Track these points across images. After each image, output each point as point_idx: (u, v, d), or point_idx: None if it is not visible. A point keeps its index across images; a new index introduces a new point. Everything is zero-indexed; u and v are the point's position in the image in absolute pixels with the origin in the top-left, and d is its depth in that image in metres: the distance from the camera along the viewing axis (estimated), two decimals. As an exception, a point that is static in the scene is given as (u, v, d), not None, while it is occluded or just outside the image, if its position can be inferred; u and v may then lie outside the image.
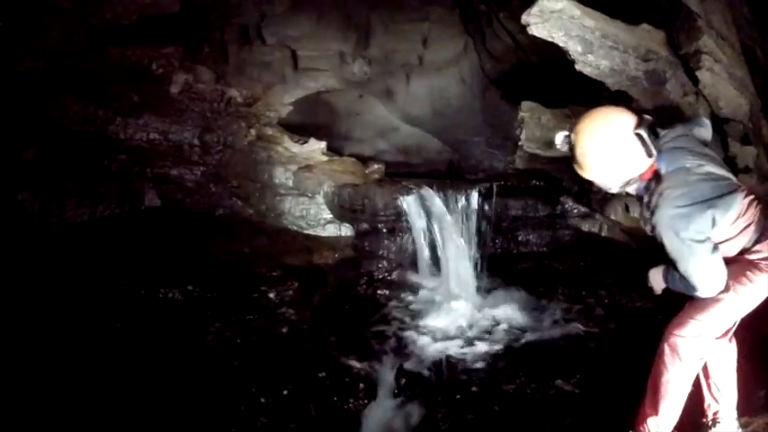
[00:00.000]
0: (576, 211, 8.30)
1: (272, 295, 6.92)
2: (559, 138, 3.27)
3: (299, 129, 9.26)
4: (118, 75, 7.40)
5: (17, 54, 6.39)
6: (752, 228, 3.17)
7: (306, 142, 8.69)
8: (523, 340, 6.18)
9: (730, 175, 3.23)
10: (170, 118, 7.81)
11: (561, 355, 5.61)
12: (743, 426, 3.33)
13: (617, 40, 5.96)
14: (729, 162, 6.02)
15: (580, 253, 8.07)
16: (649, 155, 3.04)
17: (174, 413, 4.74)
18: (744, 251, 3.22)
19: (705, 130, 3.68)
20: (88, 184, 6.92)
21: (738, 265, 3.22)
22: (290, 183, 8.62)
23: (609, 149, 3.07)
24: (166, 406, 4.81)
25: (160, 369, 5.26)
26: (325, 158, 8.92)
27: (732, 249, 3.23)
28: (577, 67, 6.10)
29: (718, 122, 6.08)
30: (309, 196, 8.59)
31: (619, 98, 6.53)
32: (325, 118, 11.87)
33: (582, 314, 6.75)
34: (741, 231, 3.18)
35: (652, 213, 3.12)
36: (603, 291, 6.83)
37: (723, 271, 3.10)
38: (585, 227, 8.06)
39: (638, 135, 3.00)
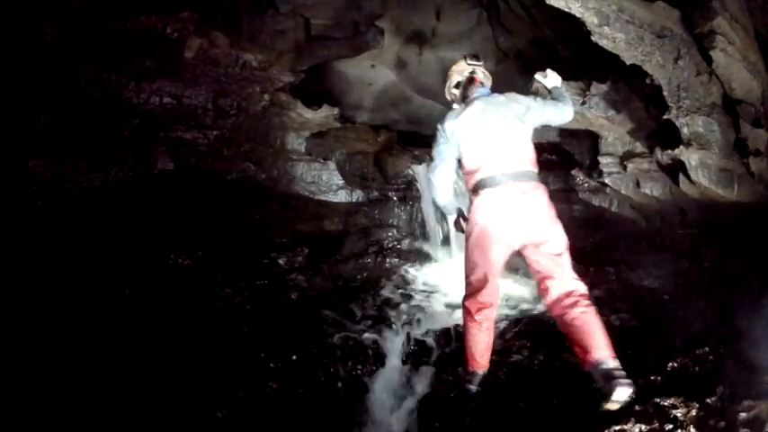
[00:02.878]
0: (586, 185, 8.27)
1: (282, 261, 6.96)
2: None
3: (312, 96, 9.27)
4: (132, 40, 7.41)
5: (32, 20, 6.40)
6: (497, 165, 4.09)
7: (319, 109, 8.72)
8: (531, 313, 6.19)
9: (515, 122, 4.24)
10: (184, 82, 7.84)
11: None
12: (746, 409, 3.31)
13: (633, 15, 5.99)
14: (740, 144, 6.05)
15: (589, 228, 8.03)
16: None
17: (184, 378, 4.79)
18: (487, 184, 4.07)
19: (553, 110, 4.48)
20: (101, 148, 6.93)
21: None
22: (303, 148, 8.67)
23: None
24: (176, 371, 4.84)
25: (170, 335, 5.30)
26: (337, 125, 8.96)
27: (482, 170, 4.10)
28: (593, 38, 6.13)
29: (730, 103, 6.11)
30: (321, 162, 8.64)
31: (633, 73, 6.56)
32: (338, 87, 11.89)
33: (589, 290, 6.76)
34: (484, 164, 4.09)
35: None
36: (611, 267, 6.82)
37: (440, 170, 4.34)
38: (596, 201, 8.05)
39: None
